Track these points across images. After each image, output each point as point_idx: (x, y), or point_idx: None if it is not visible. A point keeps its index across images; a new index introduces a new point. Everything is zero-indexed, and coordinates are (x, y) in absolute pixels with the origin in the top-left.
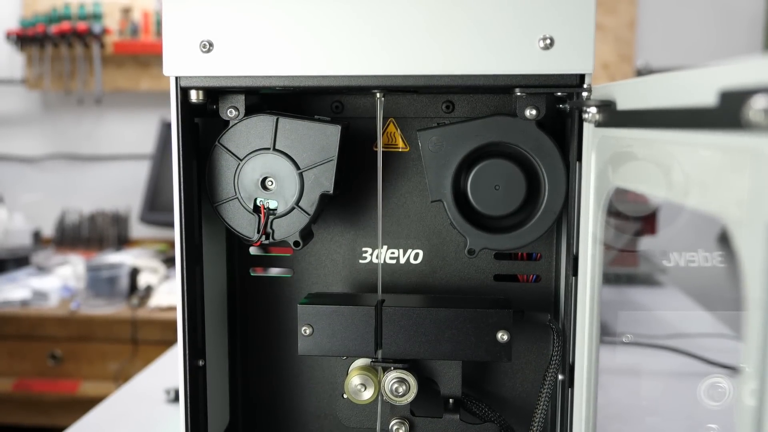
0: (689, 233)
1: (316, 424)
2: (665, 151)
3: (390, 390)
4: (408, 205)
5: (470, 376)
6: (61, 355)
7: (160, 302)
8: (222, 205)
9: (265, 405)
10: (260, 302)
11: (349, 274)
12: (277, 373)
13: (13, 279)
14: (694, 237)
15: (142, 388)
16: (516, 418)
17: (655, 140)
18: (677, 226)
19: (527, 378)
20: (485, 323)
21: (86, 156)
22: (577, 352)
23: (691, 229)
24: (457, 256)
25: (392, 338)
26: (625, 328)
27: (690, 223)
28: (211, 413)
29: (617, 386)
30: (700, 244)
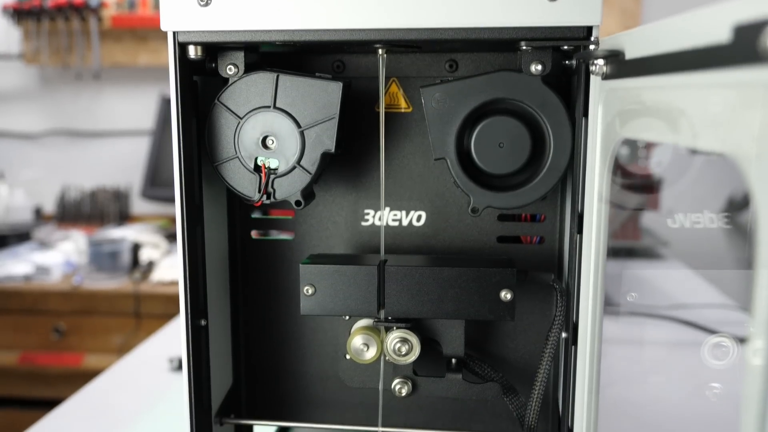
0: (693, 204)
1: (318, 385)
2: (675, 96)
3: (392, 350)
4: (411, 167)
5: (472, 337)
6: (65, 328)
7: (163, 277)
8: (222, 164)
9: (267, 367)
10: (262, 265)
11: (351, 236)
12: (279, 335)
13: (16, 254)
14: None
15: (145, 357)
16: (518, 379)
17: (665, 86)
18: (681, 198)
19: (530, 339)
20: (488, 282)
21: (86, 132)
22: (581, 311)
23: (695, 202)
24: (460, 217)
25: (395, 298)
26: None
27: (694, 197)
28: (214, 375)
29: (618, 356)
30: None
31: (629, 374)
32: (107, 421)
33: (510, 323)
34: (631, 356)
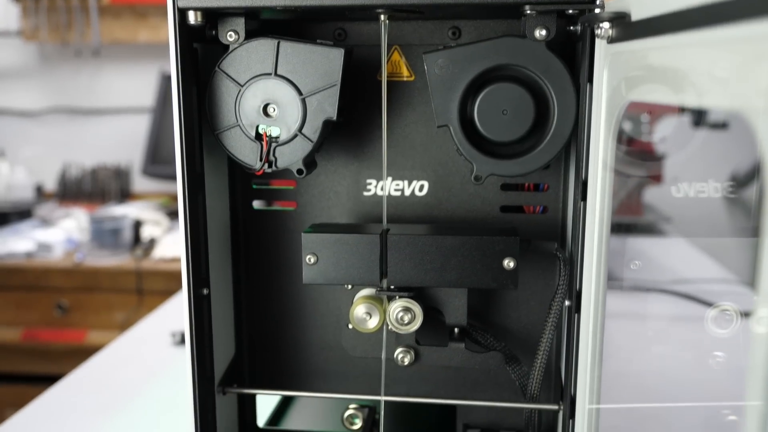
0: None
1: (321, 355)
2: (683, 55)
3: (395, 318)
4: (413, 136)
5: (475, 307)
6: (68, 305)
7: (164, 254)
8: (223, 133)
9: (270, 337)
10: (264, 236)
11: (353, 206)
12: (282, 306)
13: (17, 231)
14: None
15: (147, 331)
16: (521, 349)
17: (672, 46)
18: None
19: (532, 309)
20: (491, 250)
21: (86, 109)
22: (584, 279)
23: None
24: (463, 187)
25: (397, 266)
26: (628, 274)
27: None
28: (216, 345)
29: (620, 329)
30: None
31: (631, 347)
32: (110, 395)
33: (512, 293)
34: (633, 330)
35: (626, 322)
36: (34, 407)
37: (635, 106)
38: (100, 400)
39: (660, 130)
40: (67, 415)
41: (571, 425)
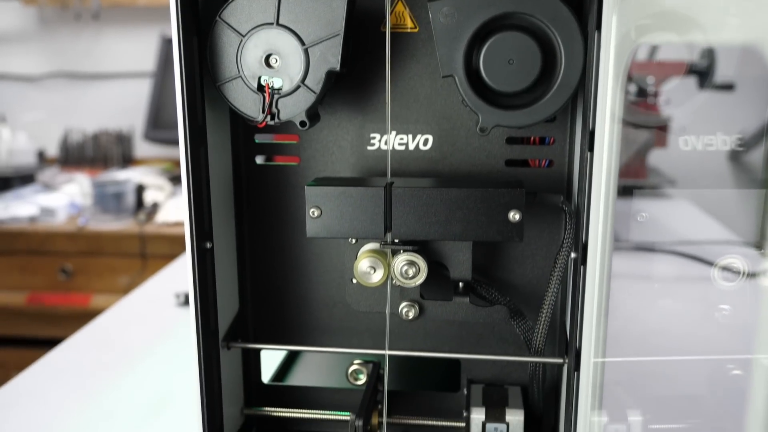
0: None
1: (325, 311)
2: None
3: (400, 272)
4: (417, 89)
5: (480, 262)
6: (72, 269)
7: (168, 218)
8: (225, 84)
9: (274, 293)
10: (267, 191)
11: (357, 161)
12: (285, 262)
13: (20, 196)
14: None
15: (151, 293)
16: (525, 304)
17: None
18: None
19: (537, 264)
20: (497, 203)
21: (86, 74)
22: (590, 230)
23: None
24: (468, 141)
25: (402, 219)
26: (632, 236)
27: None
28: (220, 300)
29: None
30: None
31: (635, 305)
32: (115, 354)
33: (517, 248)
34: (637, 289)
35: (630, 282)
36: (39, 366)
37: (640, 67)
38: (105, 359)
39: (666, 92)
40: (72, 375)
41: (576, 378)
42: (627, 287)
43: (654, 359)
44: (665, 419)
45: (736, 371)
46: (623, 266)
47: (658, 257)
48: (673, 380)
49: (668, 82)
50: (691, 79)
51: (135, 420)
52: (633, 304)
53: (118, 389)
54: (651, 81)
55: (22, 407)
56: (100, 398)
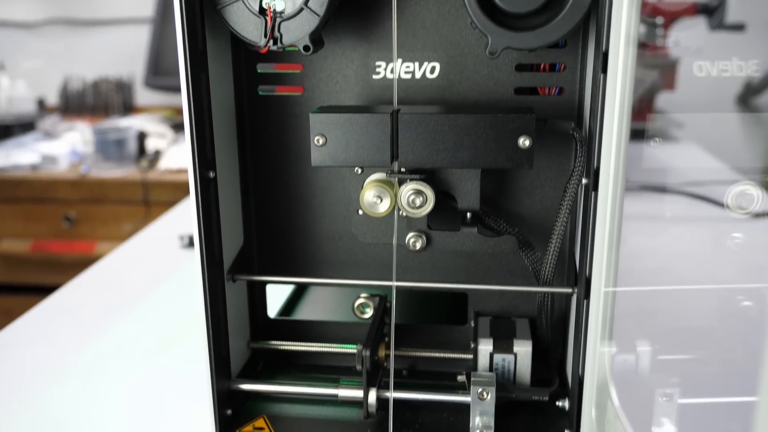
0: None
1: (331, 244)
2: None
3: (406, 202)
4: (424, 14)
5: (487, 193)
6: (75, 217)
7: (170, 165)
8: (226, 8)
9: (279, 227)
10: (270, 122)
11: (362, 90)
12: (290, 194)
13: (21, 144)
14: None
15: (155, 235)
16: (534, 235)
17: None
18: None
19: (546, 195)
20: (506, 128)
21: (85, 21)
22: (602, 155)
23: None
24: (476, 68)
25: (409, 147)
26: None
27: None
28: (224, 233)
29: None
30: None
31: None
32: (120, 295)
33: (526, 178)
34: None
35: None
36: (45, 306)
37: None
38: (110, 299)
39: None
40: (77, 314)
41: (585, 306)
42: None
43: (665, 288)
44: (674, 350)
45: (746, 302)
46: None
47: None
48: (682, 312)
49: (677, 23)
50: (701, 18)
51: (141, 356)
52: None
53: (123, 327)
54: (660, 21)
55: (28, 345)
56: (106, 336)
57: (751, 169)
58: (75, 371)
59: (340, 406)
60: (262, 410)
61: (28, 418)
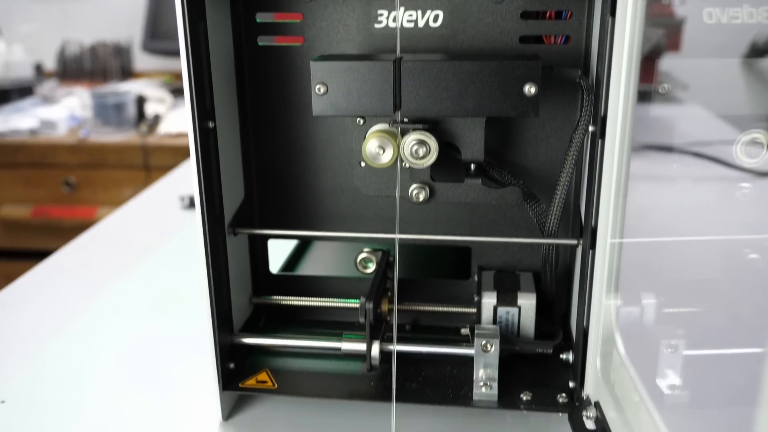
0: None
1: (333, 199)
2: None
3: (410, 152)
4: None
5: (492, 145)
6: (75, 182)
7: (170, 129)
8: None
9: (280, 181)
10: (270, 73)
11: (364, 40)
12: (291, 148)
13: (19, 109)
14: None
15: (156, 197)
16: (539, 188)
17: None
18: None
19: (551, 146)
20: (512, 75)
21: None
22: (610, 102)
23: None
24: (480, 16)
25: (412, 95)
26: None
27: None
28: (225, 186)
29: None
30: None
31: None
32: (120, 254)
33: (531, 130)
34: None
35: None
36: (46, 265)
37: None
38: (111, 259)
39: None
40: (78, 273)
41: (591, 257)
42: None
43: (671, 240)
44: (679, 303)
45: (752, 255)
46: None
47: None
48: (688, 265)
49: None
50: None
51: (143, 313)
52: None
53: (124, 286)
54: None
55: (30, 303)
56: (107, 294)
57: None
58: (76, 329)
59: (343, 360)
60: (265, 364)
61: (30, 375)
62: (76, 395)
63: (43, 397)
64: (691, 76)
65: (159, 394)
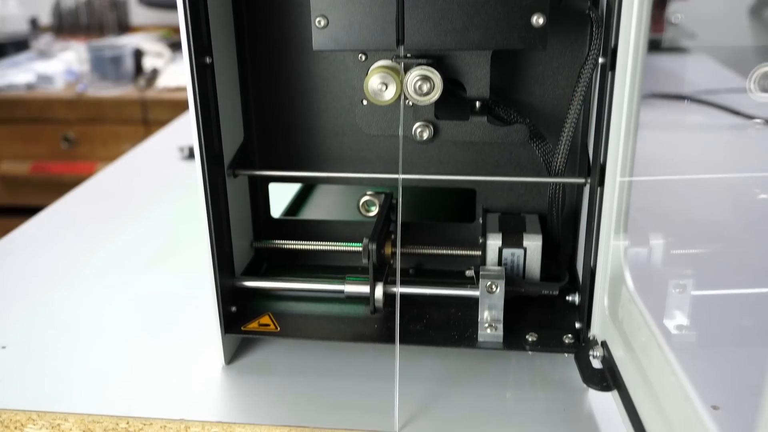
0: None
1: (334, 140)
2: None
3: (413, 88)
4: None
5: (497, 83)
6: (74, 137)
7: (168, 83)
8: None
9: (280, 122)
10: (269, 9)
11: None
12: (291, 88)
13: (15, 63)
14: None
15: (155, 147)
16: (546, 127)
17: None
18: None
19: (558, 84)
20: (519, 5)
21: None
22: (621, 32)
23: None
24: None
25: (416, 28)
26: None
27: None
28: (224, 127)
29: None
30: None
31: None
32: (120, 205)
33: (538, 67)
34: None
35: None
36: (45, 215)
37: None
38: (111, 209)
39: None
40: (77, 223)
41: (599, 194)
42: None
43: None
44: (688, 244)
45: (762, 195)
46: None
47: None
48: (697, 206)
49: None
50: None
51: (144, 261)
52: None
53: (124, 234)
54: None
55: (29, 252)
56: (107, 243)
57: None
58: (77, 277)
59: (347, 304)
60: (267, 308)
61: (30, 322)
62: (78, 341)
63: (44, 342)
64: (697, 23)
65: (161, 340)
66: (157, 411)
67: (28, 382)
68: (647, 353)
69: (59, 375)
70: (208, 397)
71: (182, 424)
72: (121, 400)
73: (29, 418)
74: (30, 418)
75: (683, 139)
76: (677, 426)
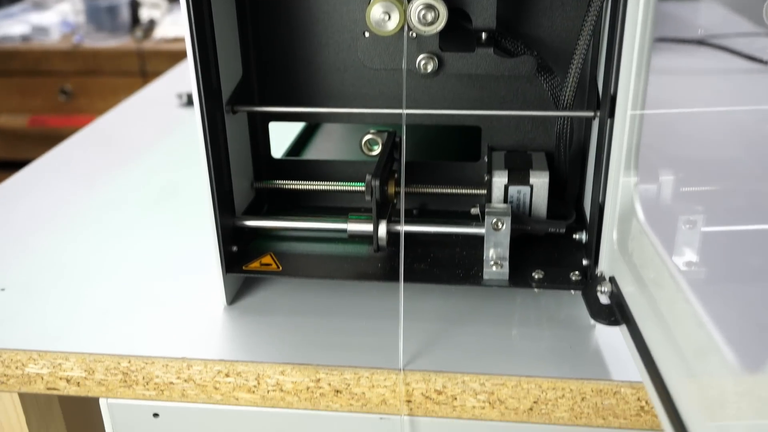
0: None
1: (336, 76)
2: None
3: (417, 18)
4: None
5: (504, 16)
6: (72, 90)
7: (166, 33)
8: None
9: (280, 58)
10: None
11: None
12: (290, 22)
13: (10, 15)
14: None
15: (152, 95)
16: (554, 61)
17: None
18: None
19: (567, 15)
20: None
21: None
22: None
23: None
24: None
25: None
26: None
27: None
28: (222, 62)
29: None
30: None
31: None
32: (118, 149)
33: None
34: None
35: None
36: (44, 160)
37: None
38: (109, 153)
39: None
40: (77, 168)
41: (609, 126)
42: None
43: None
44: (698, 182)
45: None
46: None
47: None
48: (707, 141)
49: None
50: None
51: (143, 204)
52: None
53: (124, 178)
54: None
55: (29, 197)
56: (106, 187)
57: None
58: (76, 219)
59: (349, 243)
60: (269, 248)
61: (29, 264)
62: (77, 283)
63: (44, 284)
64: None
65: (162, 280)
66: (158, 350)
67: (29, 322)
68: (658, 284)
69: (60, 315)
70: (210, 337)
71: (184, 362)
72: (122, 339)
73: (30, 357)
74: (31, 358)
75: (694, 82)
76: (689, 354)
